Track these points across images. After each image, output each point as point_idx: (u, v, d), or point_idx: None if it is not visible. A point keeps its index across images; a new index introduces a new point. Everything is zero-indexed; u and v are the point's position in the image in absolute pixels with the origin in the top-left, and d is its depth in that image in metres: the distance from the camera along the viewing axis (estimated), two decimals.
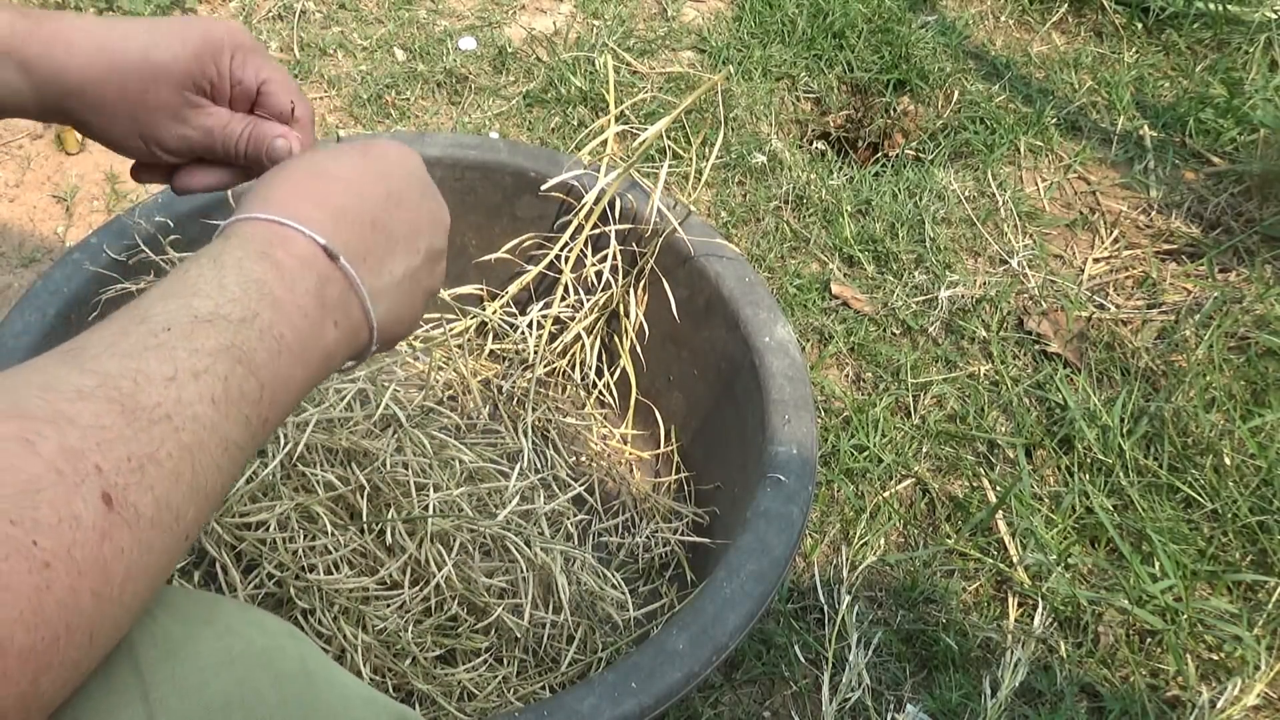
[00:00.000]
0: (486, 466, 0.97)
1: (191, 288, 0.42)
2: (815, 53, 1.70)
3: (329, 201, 0.49)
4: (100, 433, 0.35)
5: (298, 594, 0.86)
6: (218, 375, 0.39)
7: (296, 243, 0.46)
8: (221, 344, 0.40)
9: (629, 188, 1.05)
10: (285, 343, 0.43)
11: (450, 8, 1.78)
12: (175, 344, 0.39)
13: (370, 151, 0.53)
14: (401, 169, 0.53)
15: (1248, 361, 1.28)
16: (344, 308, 0.47)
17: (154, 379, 0.38)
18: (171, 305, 0.41)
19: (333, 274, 0.47)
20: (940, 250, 1.42)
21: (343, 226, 0.48)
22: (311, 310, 0.45)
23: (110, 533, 0.34)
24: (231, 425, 0.40)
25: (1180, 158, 1.58)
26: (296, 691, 0.43)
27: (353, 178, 0.51)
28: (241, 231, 0.46)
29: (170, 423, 0.37)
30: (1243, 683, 0.99)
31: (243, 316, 0.41)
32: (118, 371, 0.37)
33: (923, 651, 1.04)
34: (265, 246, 0.45)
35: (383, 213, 0.51)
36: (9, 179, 1.45)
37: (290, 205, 0.47)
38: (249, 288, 0.43)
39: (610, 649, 0.94)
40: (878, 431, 1.21)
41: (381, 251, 0.50)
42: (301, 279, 0.45)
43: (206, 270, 0.43)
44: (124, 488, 0.35)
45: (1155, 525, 1.12)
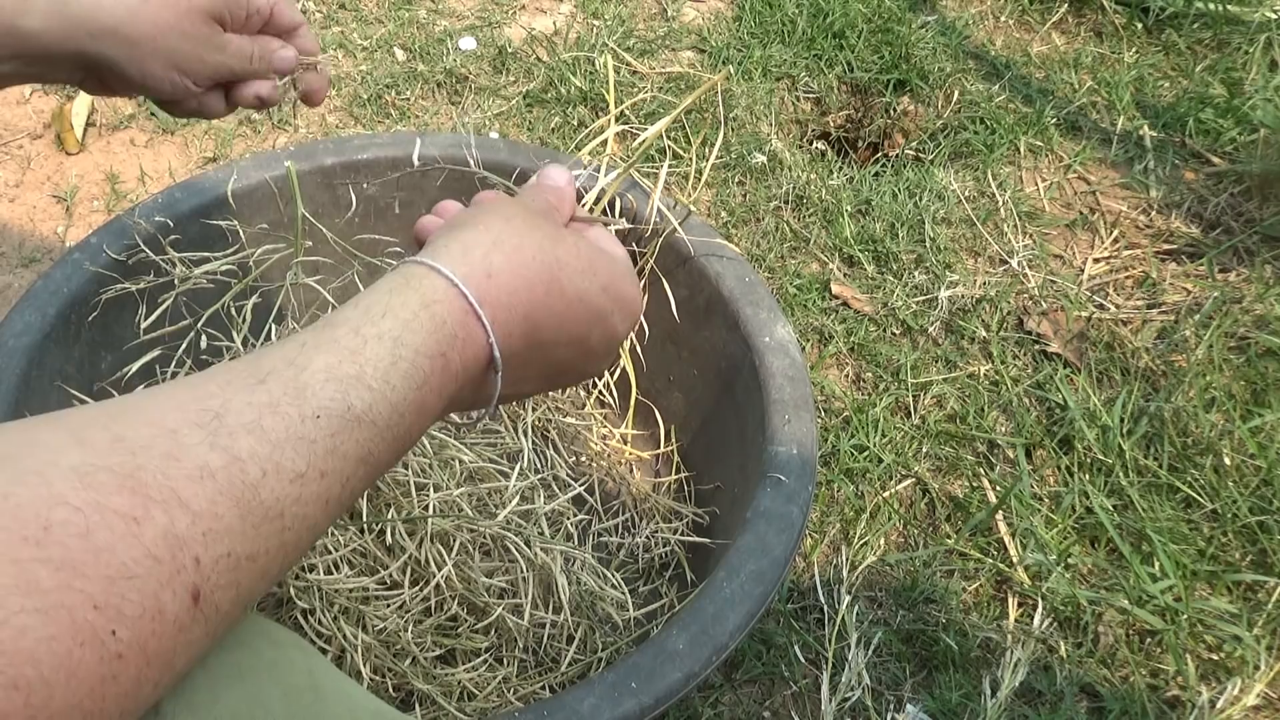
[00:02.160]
0: (486, 466, 0.97)
1: (358, 370, 0.39)
2: (815, 53, 1.70)
3: (536, 316, 0.46)
4: (211, 522, 0.33)
5: (297, 594, 0.86)
6: (341, 476, 0.38)
7: (475, 345, 0.44)
8: (360, 452, 0.38)
9: (629, 188, 1.05)
10: (406, 442, 0.42)
11: (450, 8, 1.78)
12: (317, 438, 0.37)
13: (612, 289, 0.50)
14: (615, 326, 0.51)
15: (1248, 361, 1.28)
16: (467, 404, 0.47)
17: (283, 474, 0.35)
18: (331, 391, 0.38)
19: (481, 381, 0.46)
20: (940, 250, 1.42)
21: (526, 344, 0.47)
22: (438, 409, 0.44)
23: (188, 628, 0.33)
24: (327, 520, 0.38)
25: (1180, 158, 1.58)
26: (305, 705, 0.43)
27: (575, 307, 0.48)
28: (438, 309, 0.43)
29: (280, 522, 0.35)
30: (1243, 683, 0.99)
31: (389, 421, 0.40)
32: (250, 456, 0.35)
33: (923, 651, 1.04)
34: (447, 344, 0.43)
35: (565, 352, 0.49)
36: (9, 179, 1.45)
37: (505, 298, 0.45)
38: (410, 391, 0.41)
39: (610, 649, 0.94)
40: (878, 431, 1.21)
41: (531, 375, 0.49)
42: (454, 383, 0.43)
43: (384, 354, 0.40)
44: (214, 585, 0.33)
45: (1155, 525, 1.12)
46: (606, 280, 0.50)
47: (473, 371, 0.44)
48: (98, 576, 0.30)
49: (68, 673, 0.29)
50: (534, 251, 0.47)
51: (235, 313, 1.00)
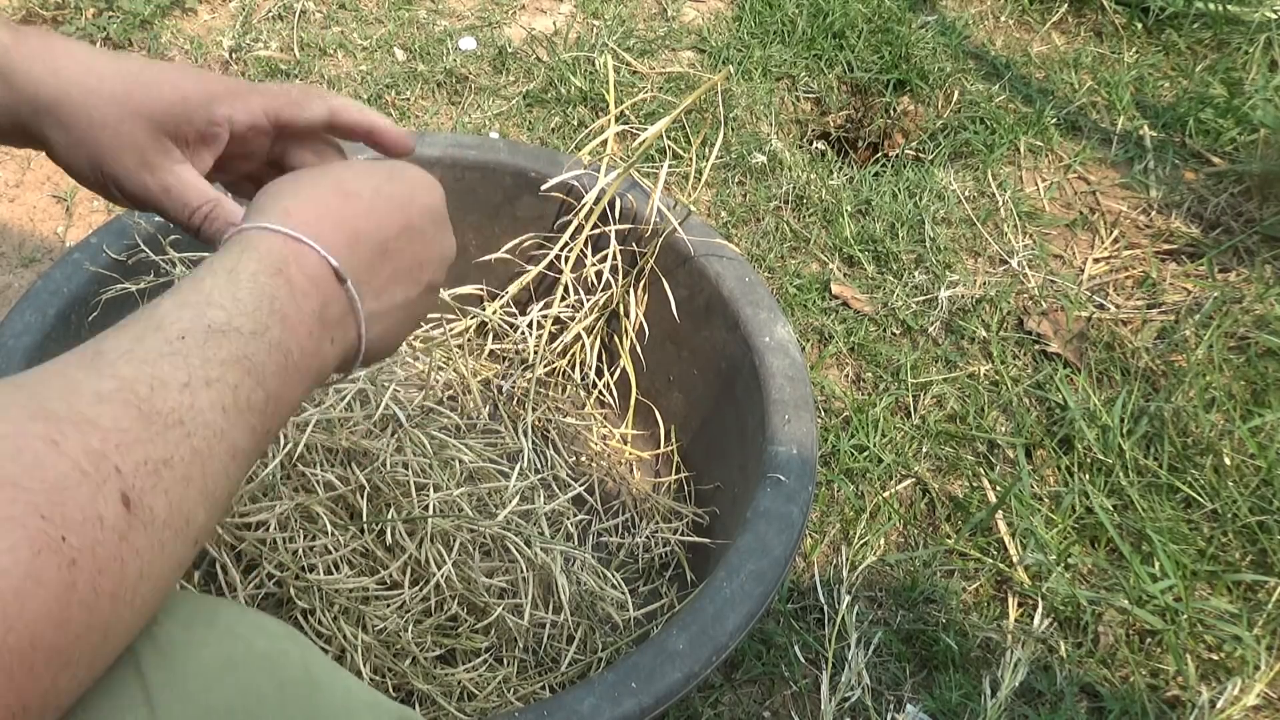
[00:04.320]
0: (486, 466, 0.97)
1: (206, 298, 0.43)
2: (815, 53, 1.70)
3: (347, 223, 0.49)
4: (120, 435, 0.36)
5: (298, 594, 0.86)
6: (228, 384, 0.40)
7: (309, 261, 0.47)
8: (233, 355, 0.41)
9: (629, 188, 1.05)
10: (291, 358, 0.44)
11: (450, 8, 1.78)
12: (190, 352, 0.40)
13: (396, 176, 0.54)
14: (423, 201, 0.54)
15: (1248, 361, 1.28)
16: (342, 327, 0.49)
17: (169, 385, 0.38)
18: (186, 314, 0.41)
19: (337, 295, 0.48)
20: (940, 250, 1.42)
21: (356, 250, 0.49)
22: (315, 328, 0.46)
23: (128, 534, 0.35)
24: (239, 433, 0.41)
25: (1180, 158, 1.58)
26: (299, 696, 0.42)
27: (374, 201, 0.52)
28: (258, 243, 0.46)
29: (183, 428, 0.38)
30: (1243, 683, 0.99)
31: (254, 330, 0.43)
32: (135, 376, 0.38)
33: (923, 651, 1.04)
34: (280, 262, 0.46)
35: (395, 242, 0.52)
36: (9, 179, 1.45)
37: (310, 221, 0.48)
38: (261, 302, 0.44)
39: (610, 649, 0.94)
40: (878, 431, 1.21)
41: (386, 279, 0.51)
42: (309, 297, 0.46)
43: (221, 281, 0.44)
44: (141, 490, 0.36)
45: (1155, 525, 1.12)
46: (387, 172, 0.54)
47: (324, 286, 0.47)
48: (38, 488, 0.33)
49: (34, 580, 0.31)
50: (311, 182, 0.51)
51: None
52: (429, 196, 0.55)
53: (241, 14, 1.72)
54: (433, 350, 1.09)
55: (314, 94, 0.59)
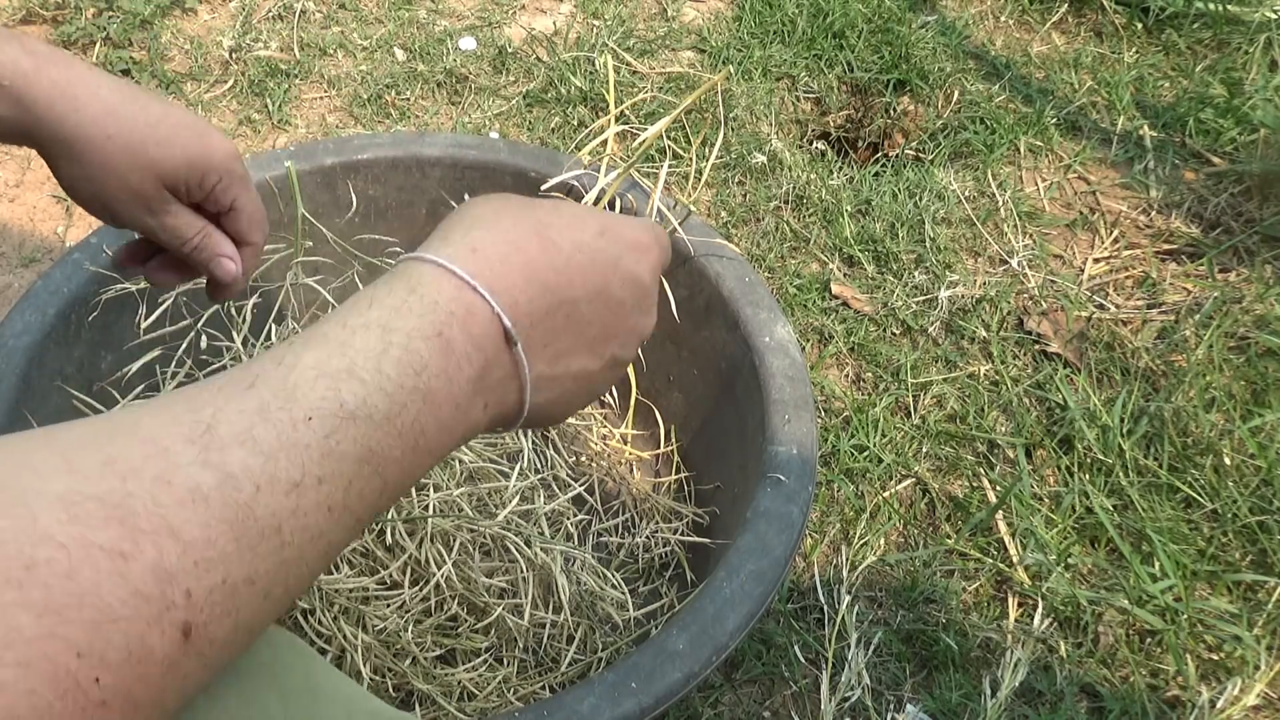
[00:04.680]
0: (486, 466, 0.97)
1: (349, 365, 0.37)
2: (815, 53, 1.70)
3: (537, 275, 0.43)
4: (203, 549, 0.31)
5: None
6: (342, 479, 0.35)
7: (479, 318, 0.41)
8: (358, 447, 0.36)
9: (629, 188, 1.05)
10: (425, 438, 0.39)
11: (450, 8, 1.78)
12: (311, 442, 0.35)
13: (608, 232, 0.47)
14: (629, 267, 0.47)
15: (1248, 361, 1.28)
16: (501, 392, 0.43)
17: (278, 486, 0.33)
18: (321, 387, 0.36)
19: (502, 358, 0.42)
20: (940, 250, 1.42)
21: (537, 306, 0.43)
22: (464, 399, 0.41)
23: (179, 664, 0.31)
24: (339, 529, 0.36)
25: (1180, 158, 1.58)
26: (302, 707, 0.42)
27: (574, 256, 0.45)
28: (427, 287, 0.41)
29: (278, 537, 0.33)
30: (1243, 683, 0.99)
31: (388, 413, 0.37)
32: (243, 471, 0.33)
33: (923, 651, 1.04)
34: (443, 321, 0.40)
35: (586, 306, 0.45)
36: (9, 179, 1.45)
37: (495, 265, 0.42)
38: (406, 378, 0.38)
39: (610, 649, 0.94)
40: (878, 431, 1.21)
41: (566, 344, 0.45)
42: (468, 362, 0.40)
43: (372, 343, 0.38)
44: (208, 618, 0.31)
45: (1155, 525, 1.12)
46: (599, 226, 0.47)
47: (488, 349, 0.41)
48: (81, 621, 0.28)
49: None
50: (513, 219, 0.45)
51: (235, 313, 1.00)
52: (637, 264, 0.48)
53: (241, 14, 1.72)
54: None
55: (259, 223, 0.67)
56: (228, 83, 1.61)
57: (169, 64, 1.63)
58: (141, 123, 0.60)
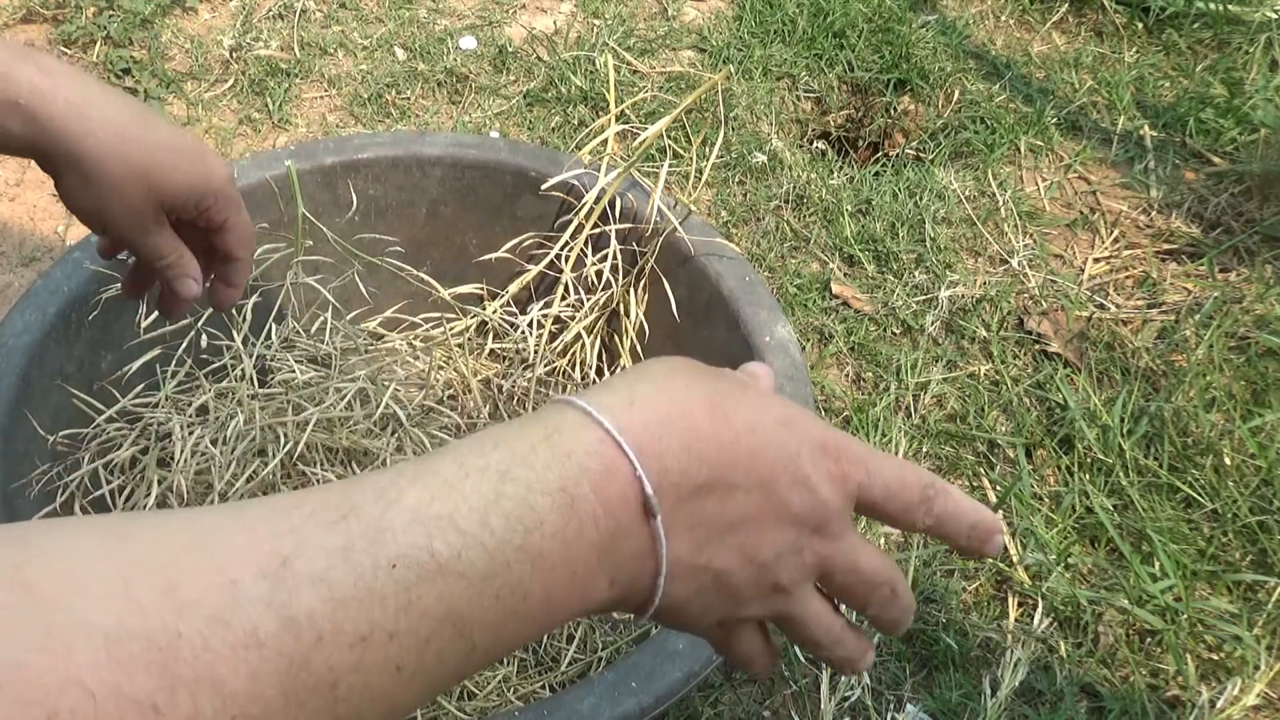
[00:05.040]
0: None
1: (452, 509, 0.33)
2: (815, 52, 1.70)
3: (698, 445, 0.37)
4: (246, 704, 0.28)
5: None
6: (419, 639, 0.31)
7: (618, 480, 0.35)
8: (443, 608, 0.31)
9: (629, 187, 1.05)
10: (527, 605, 0.34)
11: (450, 7, 1.78)
12: (388, 593, 0.30)
13: (794, 426, 0.40)
14: (808, 471, 0.39)
15: (1248, 361, 1.28)
16: (631, 570, 0.37)
17: (342, 637, 0.29)
18: (415, 534, 0.32)
19: (638, 530, 0.36)
20: (940, 250, 1.42)
21: (690, 480, 0.37)
22: (583, 568, 0.35)
23: None
24: (408, 693, 0.31)
25: (1180, 158, 1.58)
26: None
27: (746, 439, 0.38)
28: (565, 439, 0.36)
29: (332, 693, 0.29)
30: (1243, 683, 0.99)
31: (486, 571, 0.32)
32: (308, 619, 0.29)
33: (923, 651, 1.04)
34: (574, 478, 0.35)
35: (746, 499, 0.38)
36: (9, 178, 1.45)
37: (653, 429, 0.37)
38: (514, 535, 0.33)
39: (610, 648, 0.94)
40: (878, 431, 1.21)
41: (712, 535, 0.38)
42: (592, 529, 0.35)
43: (484, 489, 0.33)
44: None
45: (1155, 525, 1.12)
46: (783, 415, 0.40)
47: (620, 517, 0.35)
48: None
49: None
50: (687, 379, 0.39)
51: (235, 312, 1.00)
52: (816, 469, 0.39)
53: (242, 13, 1.72)
54: (433, 350, 1.09)
55: (248, 241, 0.71)
56: (228, 82, 1.61)
57: (169, 63, 1.63)
58: (149, 146, 0.63)
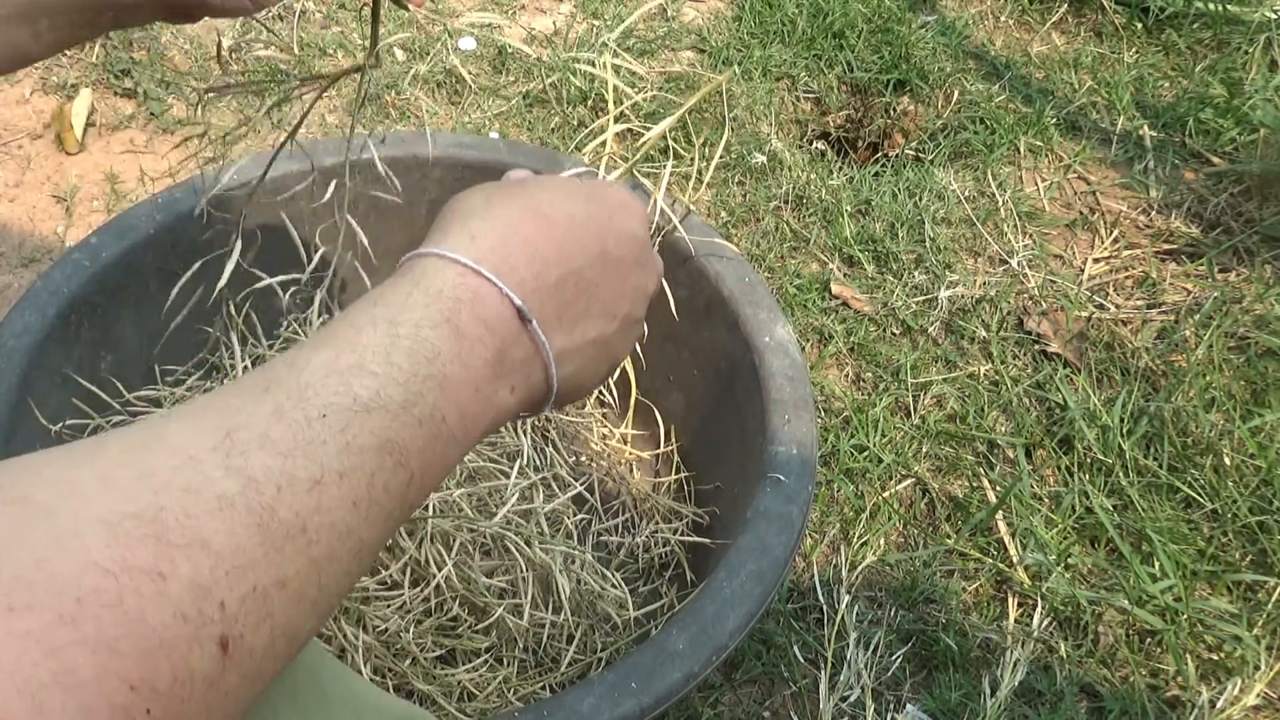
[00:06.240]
0: (486, 466, 0.97)
1: (358, 360, 0.37)
2: (815, 53, 1.70)
3: (538, 252, 0.44)
4: (233, 558, 0.31)
5: None
6: (365, 473, 0.35)
7: (489, 303, 0.42)
8: (376, 438, 0.36)
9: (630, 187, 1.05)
10: (447, 425, 0.39)
11: (450, 8, 1.78)
12: (327, 438, 0.35)
13: (596, 198, 0.49)
14: (621, 226, 0.49)
15: (1248, 361, 1.28)
16: (525, 372, 0.43)
17: (298, 485, 0.33)
18: (333, 385, 0.36)
19: (520, 338, 0.43)
20: (940, 250, 1.42)
21: (545, 282, 0.44)
22: (484, 383, 0.41)
23: (219, 680, 0.30)
24: (369, 526, 0.36)
25: (1180, 158, 1.58)
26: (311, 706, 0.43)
27: (570, 228, 0.46)
28: (432, 278, 0.41)
29: (305, 536, 0.33)
30: (1243, 683, 0.99)
31: (404, 401, 0.37)
32: (264, 474, 0.33)
33: (923, 651, 1.04)
34: (451, 309, 0.40)
35: (589, 272, 0.46)
36: (9, 179, 1.45)
37: (496, 248, 0.43)
38: (419, 365, 0.38)
39: (610, 649, 0.94)
40: (878, 431, 1.21)
41: (578, 313, 0.46)
42: (481, 346, 0.41)
43: (380, 338, 0.38)
44: (243, 627, 0.31)
45: (1155, 525, 1.12)
46: (585, 194, 0.48)
47: (501, 330, 0.42)
48: (133, 652, 0.28)
49: None
50: (504, 204, 0.46)
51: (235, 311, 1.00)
52: (628, 221, 0.49)
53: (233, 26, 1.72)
54: None
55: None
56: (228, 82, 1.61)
57: (169, 63, 1.63)
58: None
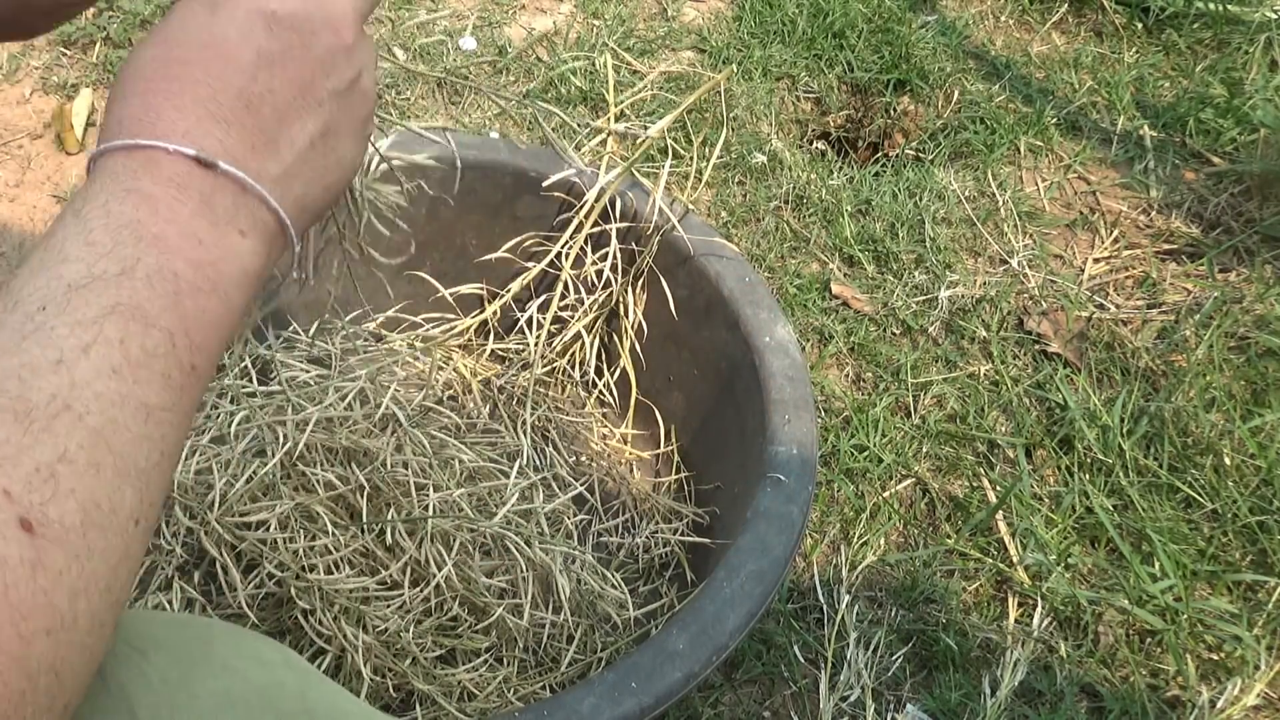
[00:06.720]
0: (486, 466, 0.97)
1: (59, 253, 0.37)
2: (815, 52, 1.70)
3: (187, 93, 0.41)
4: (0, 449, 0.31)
5: (298, 594, 0.86)
6: (110, 341, 0.35)
7: (163, 163, 0.39)
8: (104, 307, 0.35)
9: (629, 187, 1.05)
10: (184, 280, 0.38)
11: (450, 7, 1.78)
12: (53, 323, 0.34)
13: (219, 2, 0.43)
14: (264, 11, 0.43)
15: (1248, 361, 1.28)
16: (245, 212, 0.41)
17: (40, 369, 0.33)
18: (41, 279, 0.36)
19: (218, 184, 0.40)
20: (940, 250, 1.42)
21: (215, 121, 0.41)
22: (205, 233, 0.39)
23: (41, 560, 0.31)
24: (146, 389, 0.35)
25: (1180, 158, 1.58)
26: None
27: (209, 49, 0.42)
28: (103, 169, 0.40)
29: (70, 412, 0.33)
30: (1243, 683, 0.99)
31: (121, 269, 0.36)
32: (1, 374, 0.33)
33: (923, 651, 1.04)
34: (130, 180, 0.39)
35: (258, 83, 0.42)
36: (9, 179, 1.45)
37: (147, 117, 0.40)
38: (120, 234, 0.37)
39: (610, 649, 0.94)
40: (878, 431, 1.21)
41: (273, 129, 0.43)
42: (179, 203, 0.39)
43: (71, 228, 0.37)
44: (40, 505, 0.31)
45: (1155, 525, 1.12)
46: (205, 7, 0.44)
47: (194, 183, 0.40)
48: None
49: None
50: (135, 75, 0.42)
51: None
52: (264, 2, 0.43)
53: None
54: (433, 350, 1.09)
55: None
56: None
57: None
58: None
